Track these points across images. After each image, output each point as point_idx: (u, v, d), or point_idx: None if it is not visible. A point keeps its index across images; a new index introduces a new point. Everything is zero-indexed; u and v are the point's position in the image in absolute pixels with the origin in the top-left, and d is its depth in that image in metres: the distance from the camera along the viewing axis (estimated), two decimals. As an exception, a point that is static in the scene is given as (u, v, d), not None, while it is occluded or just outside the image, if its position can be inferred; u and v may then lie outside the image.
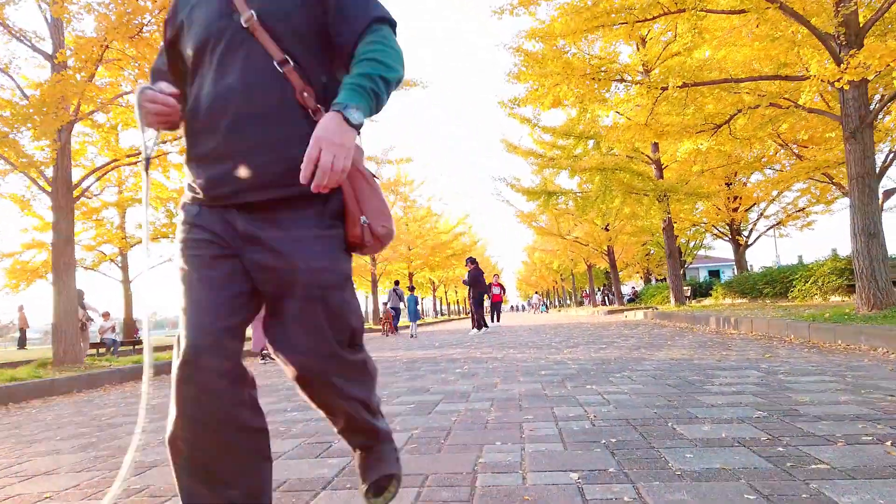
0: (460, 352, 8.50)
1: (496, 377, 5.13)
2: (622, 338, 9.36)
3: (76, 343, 8.63)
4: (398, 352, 9.54)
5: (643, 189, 16.19)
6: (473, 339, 11.59)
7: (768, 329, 8.53)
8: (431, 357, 7.92)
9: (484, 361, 6.73)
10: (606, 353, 6.92)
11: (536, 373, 5.27)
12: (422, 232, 32.42)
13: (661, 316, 14.78)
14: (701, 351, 6.51)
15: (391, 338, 16.42)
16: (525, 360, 6.49)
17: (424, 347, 10.25)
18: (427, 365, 6.76)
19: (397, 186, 22.41)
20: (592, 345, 8.27)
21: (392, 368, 6.61)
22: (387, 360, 8.03)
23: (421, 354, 8.58)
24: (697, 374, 4.66)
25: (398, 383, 5.14)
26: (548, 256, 41.12)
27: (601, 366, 5.56)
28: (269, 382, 6.08)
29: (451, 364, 6.66)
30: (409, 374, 5.78)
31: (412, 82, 9.65)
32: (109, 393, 6.43)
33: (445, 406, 3.75)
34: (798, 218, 25.05)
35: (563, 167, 16.13)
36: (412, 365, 6.88)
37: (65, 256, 8.63)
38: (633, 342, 8.34)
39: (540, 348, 8.20)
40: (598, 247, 28.19)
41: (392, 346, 11.66)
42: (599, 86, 8.49)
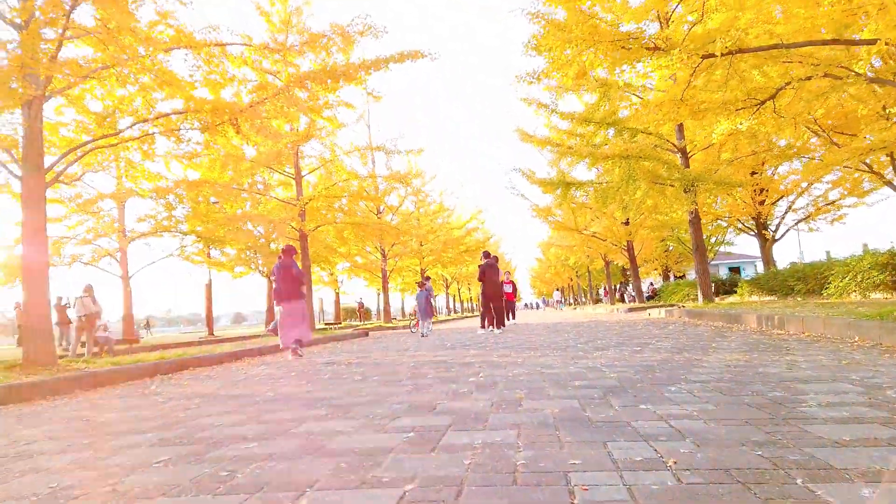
0: (475, 354, 7.55)
1: (519, 389, 4.18)
2: (655, 338, 8.36)
3: (48, 343, 7.78)
4: (405, 354, 8.61)
5: (669, 178, 15.13)
6: (488, 340, 10.63)
7: (824, 329, 7.51)
8: (442, 360, 6.97)
9: (502, 367, 5.77)
10: (644, 356, 5.93)
11: (568, 383, 4.30)
12: (433, 227, 31.49)
13: (690, 314, 13.73)
14: (758, 355, 5.50)
15: (402, 336, 15.49)
16: (551, 367, 5.52)
17: (435, 348, 9.31)
18: (436, 371, 5.82)
19: (409, 178, 21.48)
20: (624, 346, 7.28)
21: (395, 375, 5.68)
22: (390, 363, 7.10)
23: (430, 357, 7.63)
24: (775, 387, 3.68)
25: (398, 396, 4.20)
26: (564, 252, 39.98)
27: (646, 374, 4.58)
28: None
29: (463, 370, 5.71)
30: (413, 384, 4.83)
31: (420, 53, 8.70)
32: (70, 401, 5.55)
33: (456, 436, 2.79)
34: (828, 211, 23.84)
35: (582, 156, 15.07)
36: (418, 370, 5.94)
37: (34, 247, 7.78)
38: (671, 343, 7.34)
39: (564, 351, 7.22)
40: (617, 242, 27.09)
41: (400, 346, 10.73)
42: (630, 55, 7.48)
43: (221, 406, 4.32)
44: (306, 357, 9.41)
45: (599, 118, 15.79)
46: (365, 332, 18.25)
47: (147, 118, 8.21)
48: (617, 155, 14.34)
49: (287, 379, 6.06)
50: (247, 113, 8.39)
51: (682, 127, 16.24)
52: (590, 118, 15.66)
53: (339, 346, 12.33)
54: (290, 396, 4.58)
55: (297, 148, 17.22)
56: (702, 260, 16.59)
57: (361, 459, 2.46)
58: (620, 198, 16.28)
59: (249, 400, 4.56)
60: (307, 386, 5.23)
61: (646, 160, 14.65)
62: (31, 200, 7.82)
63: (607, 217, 26.06)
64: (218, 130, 8.52)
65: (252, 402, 4.39)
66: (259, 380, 6.22)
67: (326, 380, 5.67)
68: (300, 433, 3.09)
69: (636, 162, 14.62)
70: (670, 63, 6.99)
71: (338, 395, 4.49)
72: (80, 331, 12.79)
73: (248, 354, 10.78)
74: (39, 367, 7.49)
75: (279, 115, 8.71)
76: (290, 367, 7.76)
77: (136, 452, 2.91)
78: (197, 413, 4.06)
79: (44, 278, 7.90)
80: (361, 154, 21.01)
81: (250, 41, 8.88)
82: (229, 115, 8.23)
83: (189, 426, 3.54)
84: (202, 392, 5.45)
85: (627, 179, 15.29)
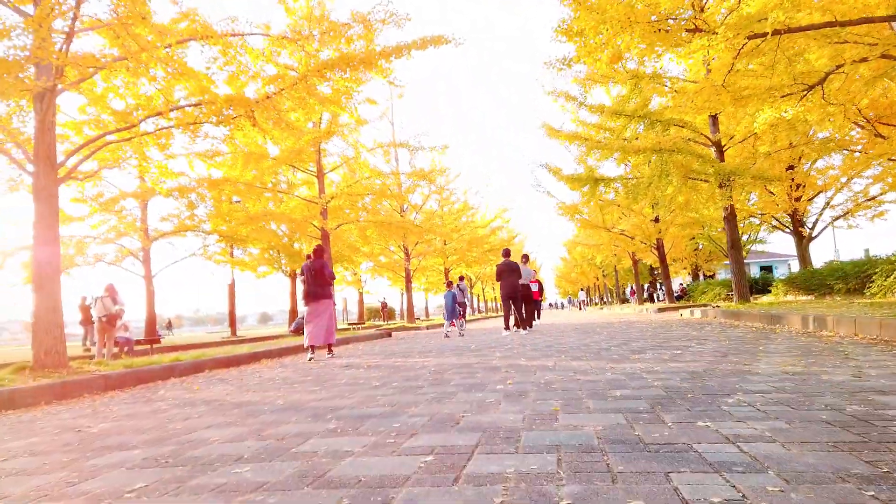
0: (501, 357, 7.09)
1: (553, 399, 3.72)
2: (694, 341, 7.81)
3: (59, 345, 7.51)
4: (428, 356, 8.18)
5: (703, 172, 14.48)
6: (514, 342, 10.16)
7: (881, 331, 6.90)
8: (466, 364, 6.53)
9: (532, 371, 5.31)
10: (687, 362, 5.42)
11: (608, 393, 3.83)
12: (457, 225, 31.05)
13: (727, 314, 13.08)
14: (815, 361, 4.96)
15: (425, 337, 15.09)
16: (586, 372, 5.05)
17: (459, 351, 8.88)
18: (460, 376, 5.38)
19: (432, 175, 21.02)
20: (662, 350, 6.76)
21: (415, 380, 5.25)
22: (412, 366, 6.68)
23: (454, 360, 7.20)
24: (850, 400, 3.18)
25: (418, 405, 3.77)
26: (590, 251, 39.25)
27: (694, 383, 4.08)
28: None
29: (490, 375, 5.26)
30: (435, 392, 4.40)
31: (443, 38, 8.25)
32: (72, 407, 5.24)
33: (483, 461, 2.35)
34: (868, 207, 22.86)
35: (613, 150, 14.49)
36: (441, 375, 5.51)
37: (45, 244, 7.53)
38: (712, 346, 6.80)
39: (597, 354, 6.73)
40: (647, 240, 26.34)
41: (423, 347, 10.32)
42: (668, 37, 6.95)
43: (224, 416, 3.93)
44: (325, 359, 9.06)
45: (630, 111, 15.19)
46: (388, 333, 17.91)
47: (161, 111, 7.90)
48: (649, 149, 13.76)
49: (301, 384, 5.67)
50: (263, 105, 8.04)
51: (716, 120, 15.58)
52: (620, 111, 15.07)
53: (361, 348, 11.97)
54: (300, 405, 4.18)
55: (319, 145, 16.92)
56: (737, 258, 15.88)
57: (367, 494, 2.03)
58: (652, 193, 15.66)
59: (256, 409, 4.17)
60: (320, 392, 4.83)
61: (679, 154, 14.03)
62: (43, 196, 7.57)
63: (636, 214, 25.36)
64: (234, 124, 8.19)
65: (258, 412, 4.00)
66: (272, 384, 5.85)
67: (342, 385, 5.27)
68: (303, 453, 2.68)
69: (669, 156, 14.01)
70: (714, 43, 6.44)
71: (351, 403, 4.08)
72: (102, 332, 12.61)
73: (267, 356, 10.47)
74: (49, 369, 7.24)
75: (297, 107, 8.35)
76: (307, 370, 7.40)
77: (114, 476, 2.52)
78: (196, 424, 3.69)
79: (55, 277, 7.66)
80: (385, 151, 20.70)
81: (268, 30, 8.55)
82: (245, 108, 7.89)
83: (182, 441, 3.16)
84: (210, 398, 5.09)
85: (659, 174, 14.68)
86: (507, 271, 13.12)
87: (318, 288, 9.46)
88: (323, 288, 9.49)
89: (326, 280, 9.53)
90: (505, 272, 13.19)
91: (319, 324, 9.36)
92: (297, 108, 8.38)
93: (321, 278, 9.48)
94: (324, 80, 7.89)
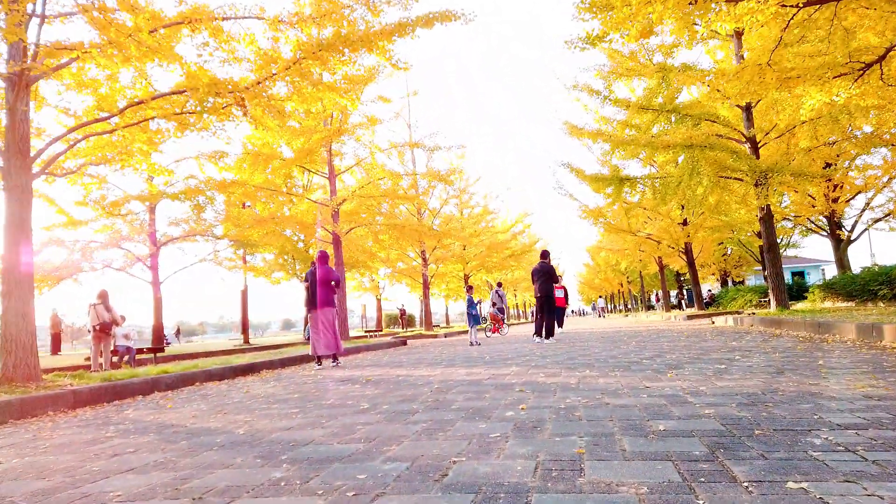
0: (516, 372, 6.23)
1: (576, 434, 2.87)
2: (737, 353, 6.86)
3: (30, 357, 6.83)
4: (437, 368, 7.35)
5: (738, 170, 13.47)
6: (534, 352, 9.28)
7: (960, 342, 5.93)
8: (476, 381, 5.68)
9: (550, 392, 4.45)
10: (737, 380, 4.51)
11: (648, 426, 2.96)
12: (477, 230, 30.17)
13: (766, 322, 12.04)
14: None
15: (441, 346, 14.26)
16: (616, 393, 4.17)
17: (471, 362, 8.03)
18: (465, 395, 4.54)
19: (449, 176, 20.18)
20: (702, 363, 5.84)
21: (412, 401, 4.42)
22: (414, 382, 5.84)
23: (463, 374, 6.36)
24: None
25: (402, 442, 2.94)
26: (615, 256, 38.07)
27: (757, 411, 3.20)
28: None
29: (500, 396, 4.41)
30: (430, 420, 3.57)
31: (451, 14, 7.45)
32: (16, 431, 4.51)
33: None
34: (912, 209, 21.56)
35: (640, 145, 13.52)
36: (444, 395, 4.67)
37: (17, 245, 6.86)
38: (761, 361, 5.87)
39: (628, 368, 5.84)
40: (674, 244, 25.22)
41: (434, 358, 9.49)
42: (706, 5, 6.08)
43: (160, 454, 3.15)
44: (327, 370, 8.29)
45: (658, 105, 14.26)
46: (403, 341, 17.13)
47: (143, 100, 7.21)
48: (679, 144, 12.80)
49: (282, 404, 4.88)
50: (253, 91, 7.31)
51: (750, 114, 14.56)
52: (647, 105, 14.13)
53: (370, 357, 11.19)
54: (259, 438, 3.38)
55: (331, 145, 16.23)
56: (775, 261, 14.79)
57: None
58: (682, 193, 14.66)
59: (204, 442, 3.38)
60: (295, 418, 4.03)
61: (711, 150, 13.06)
62: (14, 191, 6.92)
63: (663, 217, 24.29)
64: (224, 114, 7.48)
65: (203, 447, 3.21)
66: (250, 404, 5.07)
67: (325, 407, 4.47)
68: (216, 524, 1.88)
69: (700, 152, 13.03)
70: (762, 8, 5.54)
71: (322, 436, 3.27)
72: (97, 341, 11.99)
73: (267, 367, 9.74)
74: (17, 383, 6.56)
75: (293, 95, 7.61)
76: (299, 384, 6.62)
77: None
78: (116, 466, 2.90)
79: (27, 281, 6.98)
80: (399, 152, 19.95)
81: (263, 12, 7.83)
82: (234, 95, 7.17)
83: (72, 498, 2.38)
84: (169, 422, 4.33)
85: (690, 172, 13.70)
86: (537, 275, 12.41)
87: (321, 295, 9.18)
88: (326, 295, 9.21)
89: (330, 287, 9.27)
90: (534, 276, 12.55)
91: (325, 332, 9.15)
92: (293, 97, 7.63)
93: (325, 285, 9.21)
94: (319, 63, 7.12)
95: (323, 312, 9.21)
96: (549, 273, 12.43)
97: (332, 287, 9.31)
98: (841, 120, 12.92)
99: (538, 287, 12.39)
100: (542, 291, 12.35)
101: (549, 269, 12.45)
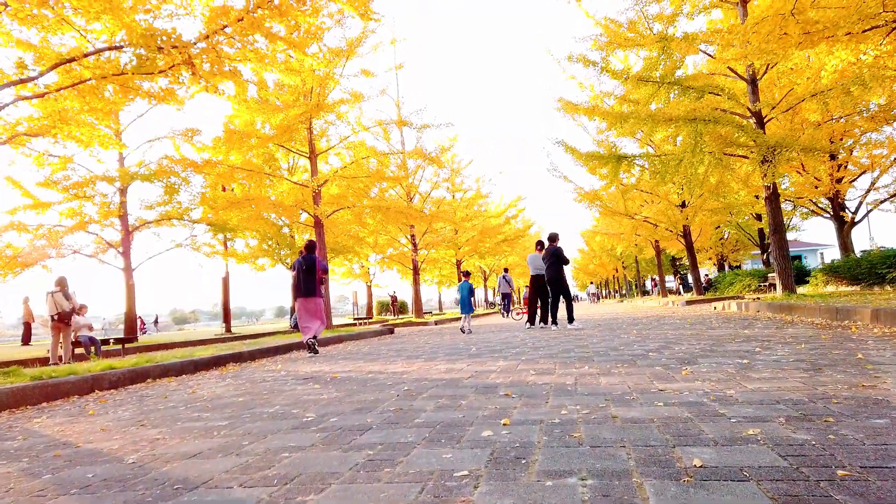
0: (504, 368, 5.38)
1: (575, 472, 2.00)
2: (754, 343, 6.03)
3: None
4: (414, 363, 6.50)
5: (744, 144, 12.61)
6: (526, 343, 8.45)
7: None
8: (455, 379, 4.82)
9: (542, 397, 3.60)
10: (768, 380, 3.66)
11: (677, 460, 2.10)
12: (469, 214, 29.23)
13: (774, 308, 11.23)
14: None
15: (427, 335, 13.44)
16: (624, 399, 3.32)
17: (456, 354, 7.18)
18: (436, 402, 3.69)
19: (436, 156, 19.16)
20: (719, 358, 4.99)
21: (370, 410, 3.56)
22: (382, 382, 4.98)
23: (442, 370, 5.51)
24: None
25: (327, 485, 2.06)
26: (610, 241, 37.24)
27: (824, 435, 2.34)
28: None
29: (479, 402, 3.56)
30: (381, 441, 2.70)
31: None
32: None
33: None
34: (918, 189, 20.82)
35: (640, 119, 12.58)
36: (411, 403, 3.81)
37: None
38: (787, 353, 5.03)
39: (632, 363, 5.00)
40: (672, 227, 24.37)
41: (415, 351, 8.64)
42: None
43: None
44: (283, 369, 7.43)
45: (658, 79, 13.34)
46: (390, 330, 16.28)
47: (74, 56, 6.25)
48: (682, 117, 11.91)
49: (214, 413, 4.02)
50: (203, 48, 6.37)
51: (756, 88, 13.68)
52: (647, 77, 13.21)
53: (350, 348, 10.34)
54: (142, 473, 2.51)
55: (310, 122, 15.24)
56: (781, 243, 13.98)
57: None
58: (684, 171, 13.79)
59: (60, 480, 2.51)
60: (213, 437, 3.15)
61: (716, 123, 12.18)
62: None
63: (661, 199, 23.44)
64: (170, 74, 6.54)
65: (49, 490, 2.34)
66: (177, 413, 4.20)
67: (262, 418, 3.60)
68: None
69: (704, 126, 12.15)
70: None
71: (227, 471, 2.40)
72: (56, 331, 11.09)
73: (234, 360, 8.88)
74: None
75: (247, 51, 6.66)
76: (252, 383, 5.75)
77: None
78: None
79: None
80: (385, 129, 18.93)
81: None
82: (180, 51, 6.22)
83: None
84: (54, 441, 3.46)
85: (693, 149, 12.82)
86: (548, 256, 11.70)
87: (309, 284, 9.30)
88: (314, 284, 9.36)
89: (318, 276, 9.42)
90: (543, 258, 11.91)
91: (313, 319, 9.27)
92: (249, 55, 6.69)
93: (311, 274, 9.34)
94: (277, 14, 6.17)
95: (310, 301, 9.29)
96: (560, 256, 11.61)
97: (318, 276, 9.41)
98: (854, 92, 12.03)
99: (547, 270, 11.63)
100: (550, 275, 11.61)
101: (560, 253, 11.62)
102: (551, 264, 11.61)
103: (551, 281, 11.65)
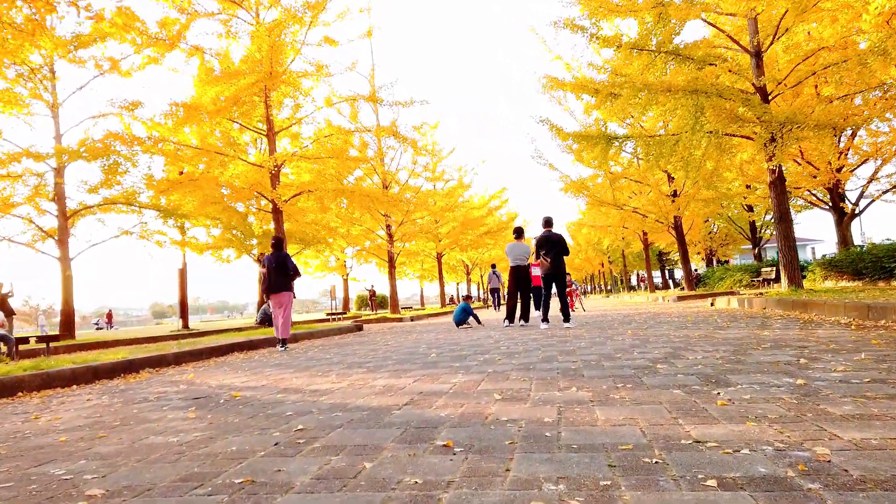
0: (458, 387, 3.90)
1: None
2: (790, 350, 4.58)
3: None
4: (351, 375, 5.00)
5: (749, 121, 11.22)
6: (500, 347, 6.99)
7: None
8: (384, 407, 3.33)
9: (500, 455, 2.11)
10: (860, 418, 2.20)
11: None
12: (450, 204, 27.68)
13: (784, 305, 9.87)
14: None
15: (393, 335, 11.97)
16: (640, 462, 1.83)
17: (409, 361, 5.70)
18: (329, 457, 2.19)
19: (415, 138, 17.48)
20: (759, 376, 3.54)
21: (202, 479, 2.07)
22: (285, 409, 3.47)
23: (378, 389, 4.01)
24: None
25: None
26: (597, 234, 35.96)
27: None
28: None
29: (397, 462, 2.07)
30: None
31: None
32: None
33: None
34: (920, 180, 19.73)
35: (635, 90, 11.12)
36: (286, 460, 2.31)
37: None
38: (850, 368, 3.59)
39: (640, 384, 3.53)
40: (663, 218, 23.03)
41: (366, 356, 7.15)
42: None
43: None
44: (190, 381, 5.92)
45: (654, 47, 11.90)
46: (359, 327, 14.81)
47: None
48: (682, 88, 10.49)
49: (39, 452, 2.50)
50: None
51: (760, 61, 12.31)
52: (643, 45, 11.76)
53: (297, 349, 8.84)
54: None
55: (266, 95, 13.62)
56: (787, 233, 12.64)
57: None
58: (682, 152, 12.39)
59: None
60: None
61: (719, 96, 10.78)
62: None
63: (652, 189, 22.09)
64: None
65: None
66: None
67: (32, 480, 2.09)
68: None
69: (707, 99, 10.75)
70: None
71: None
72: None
73: (152, 364, 7.37)
74: None
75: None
76: (122, 407, 4.23)
77: None
78: None
79: None
80: (353, 107, 17.31)
81: None
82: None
83: None
84: None
85: (693, 126, 11.41)
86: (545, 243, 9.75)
87: (280, 280, 9.36)
88: (285, 280, 9.42)
89: (285, 272, 9.46)
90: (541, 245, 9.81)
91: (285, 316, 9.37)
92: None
93: (279, 270, 9.39)
94: None
95: (282, 296, 9.39)
96: (562, 244, 9.92)
97: (286, 272, 9.44)
98: (871, 63, 10.70)
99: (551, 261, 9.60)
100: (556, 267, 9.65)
101: (560, 240, 9.77)
102: (556, 254, 9.65)
103: (558, 275, 9.69)
